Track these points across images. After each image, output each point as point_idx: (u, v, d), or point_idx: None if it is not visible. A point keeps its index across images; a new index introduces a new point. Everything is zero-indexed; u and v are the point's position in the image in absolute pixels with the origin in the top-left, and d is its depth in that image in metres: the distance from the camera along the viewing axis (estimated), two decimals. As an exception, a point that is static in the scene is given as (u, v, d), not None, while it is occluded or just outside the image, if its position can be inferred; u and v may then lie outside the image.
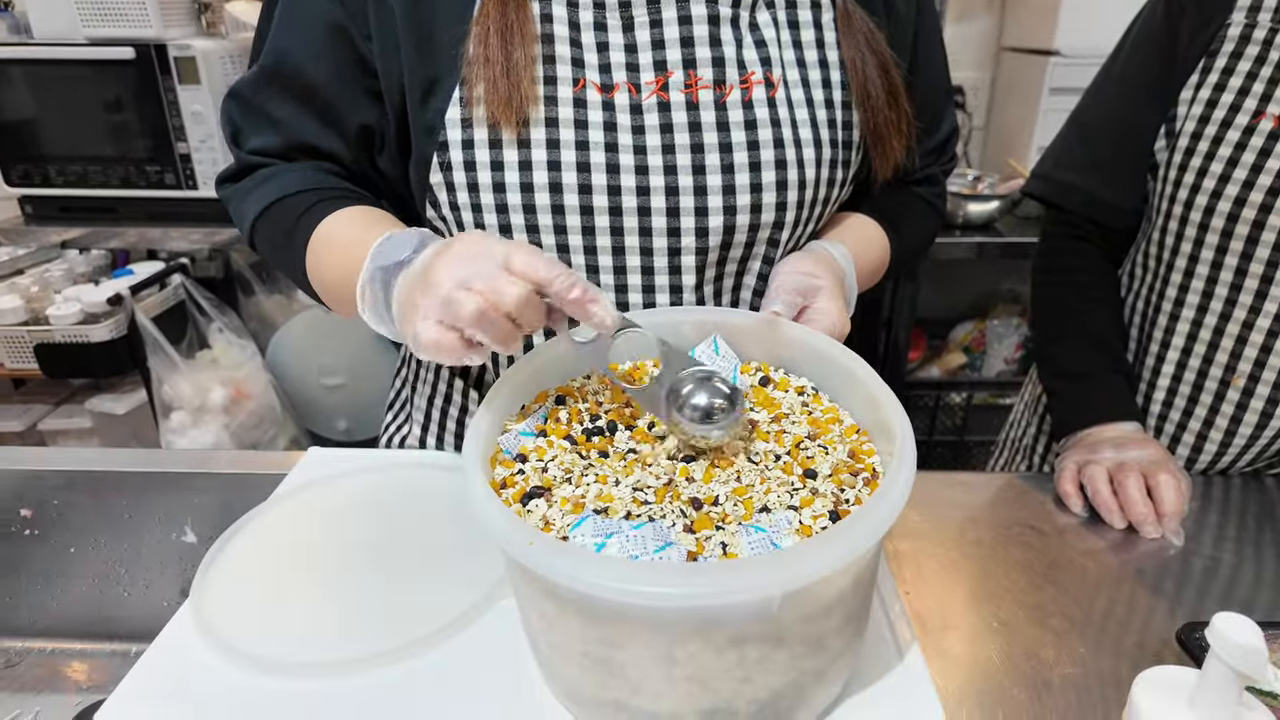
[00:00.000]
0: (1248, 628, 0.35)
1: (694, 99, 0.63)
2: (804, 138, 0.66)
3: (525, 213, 0.63)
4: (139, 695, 0.51)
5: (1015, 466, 1.10)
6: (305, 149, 0.69)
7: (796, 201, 0.67)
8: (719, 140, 0.63)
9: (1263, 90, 0.75)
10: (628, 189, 0.63)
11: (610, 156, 0.62)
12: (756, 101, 0.64)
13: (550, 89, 0.61)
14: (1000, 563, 0.71)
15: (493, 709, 0.49)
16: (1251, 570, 0.70)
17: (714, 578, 0.38)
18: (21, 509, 0.82)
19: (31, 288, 1.58)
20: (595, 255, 0.65)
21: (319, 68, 0.65)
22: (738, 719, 0.44)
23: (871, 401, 0.52)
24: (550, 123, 0.61)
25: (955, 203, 1.88)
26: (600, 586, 0.37)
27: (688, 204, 0.64)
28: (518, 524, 0.41)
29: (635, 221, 0.64)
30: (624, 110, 0.62)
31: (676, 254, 0.65)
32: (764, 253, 0.69)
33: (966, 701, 0.56)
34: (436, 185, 0.65)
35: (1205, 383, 0.84)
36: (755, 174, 0.64)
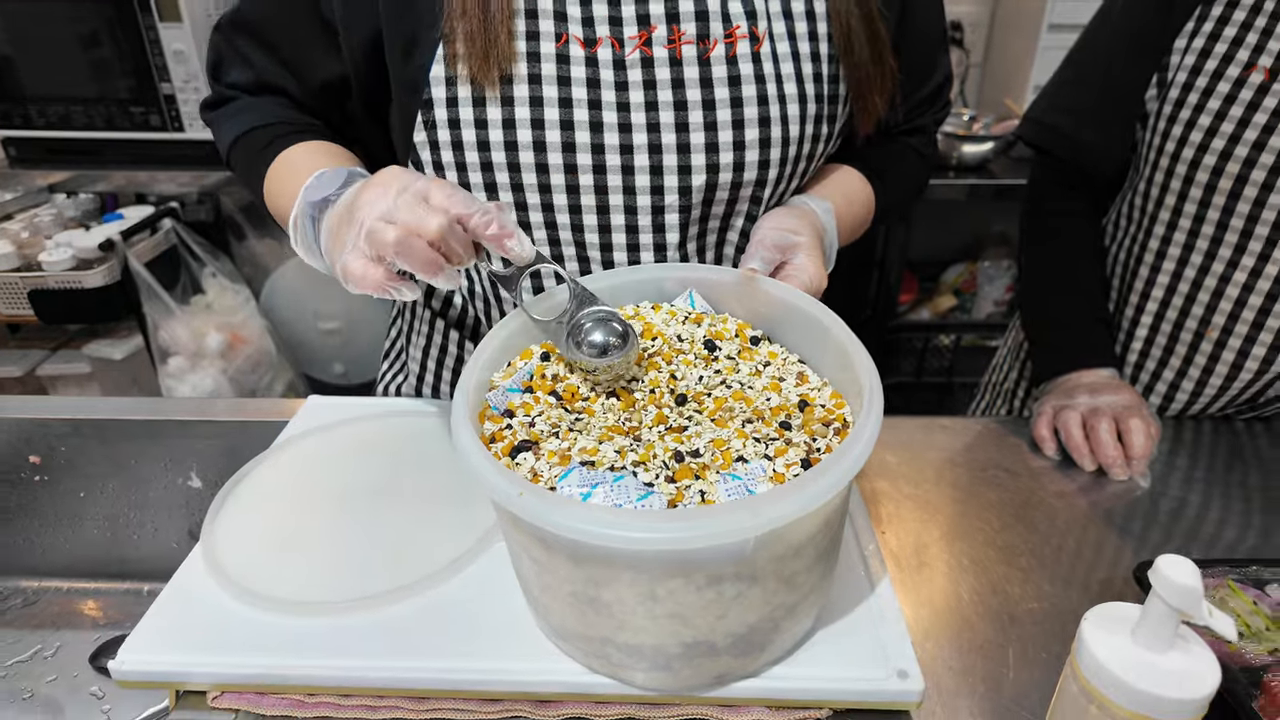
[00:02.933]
0: (1186, 568, 0.38)
1: (677, 54, 0.62)
2: (789, 93, 0.65)
3: (510, 171, 0.64)
4: (156, 631, 0.54)
5: (996, 410, 1.13)
6: (274, 89, 0.72)
7: (780, 158, 0.67)
8: (702, 98, 0.63)
9: (1255, 41, 0.75)
10: (611, 147, 0.63)
11: (593, 114, 0.62)
12: (741, 57, 0.63)
13: (533, 45, 0.61)
14: (974, 503, 0.74)
15: (490, 645, 0.53)
16: (1216, 512, 0.74)
17: (691, 523, 0.40)
18: (30, 456, 0.85)
19: (22, 233, 1.57)
20: (580, 214, 0.66)
21: (276, 28, 0.69)
22: (716, 650, 0.47)
23: (843, 356, 0.53)
24: (533, 79, 0.61)
25: (949, 143, 1.87)
26: (586, 532, 0.40)
27: (670, 162, 0.64)
28: (508, 475, 0.43)
29: (619, 180, 0.64)
30: (607, 66, 0.62)
31: (660, 211, 0.66)
32: (747, 209, 0.70)
33: (934, 633, 0.59)
34: (420, 144, 0.65)
35: (1181, 334, 0.87)
36: (739, 131, 0.64)
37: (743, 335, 0.60)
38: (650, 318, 0.61)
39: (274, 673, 0.52)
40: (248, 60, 0.71)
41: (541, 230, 0.67)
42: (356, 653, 0.52)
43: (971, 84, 2.26)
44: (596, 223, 0.66)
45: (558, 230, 0.67)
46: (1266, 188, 0.75)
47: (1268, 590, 0.58)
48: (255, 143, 0.70)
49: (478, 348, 0.53)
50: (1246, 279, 0.80)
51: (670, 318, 0.61)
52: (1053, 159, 0.95)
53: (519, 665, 0.51)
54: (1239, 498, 0.76)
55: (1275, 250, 0.77)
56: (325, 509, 0.66)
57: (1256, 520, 0.73)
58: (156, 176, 1.79)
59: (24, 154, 1.83)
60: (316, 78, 0.70)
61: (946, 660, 0.57)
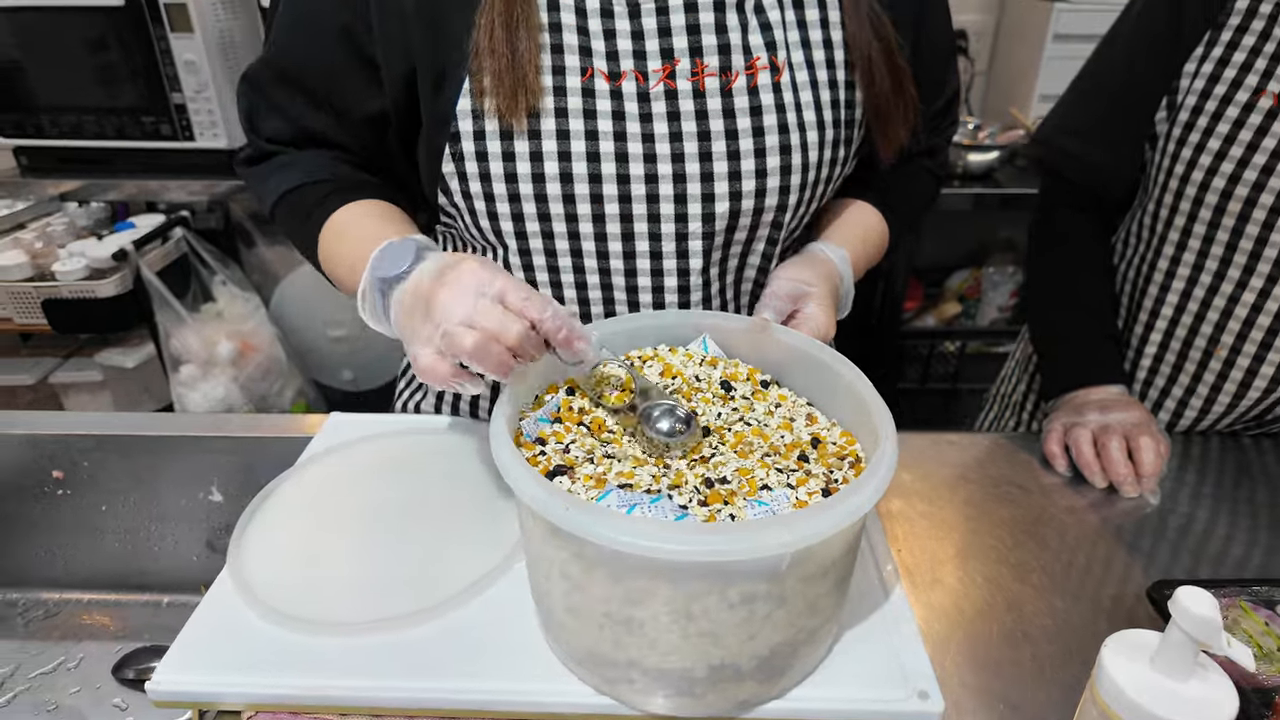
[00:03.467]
0: (1205, 600, 0.39)
1: (700, 87, 0.64)
2: (808, 120, 0.67)
3: (537, 201, 0.65)
4: (190, 652, 0.55)
5: (1004, 422, 1.14)
6: (315, 139, 0.71)
7: (800, 184, 0.68)
8: (725, 128, 0.64)
9: (1265, 67, 0.76)
10: (636, 177, 0.64)
11: (619, 146, 0.63)
12: (762, 88, 0.65)
13: (559, 79, 0.62)
14: (987, 520, 0.75)
15: (520, 665, 0.54)
16: (1224, 529, 0.75)
17: (734, 535, 0.42)
18: (53, 470, 0.86)
19: (35, 243, 1.58)
20: (605, 241, 0.67)
21: (319, 67, 0.68)
22: (741, 674, 0.49)
23: (855, 397, 0.56)
24: (560, 113, 0.62)
25: (955, 153, 1.88)
26: (635, 545, 0.42)
27: (694, 191, 0.65)
28: (554, 491, 0.45)
29: (644, 208, 0.65)
30: (631, 99, 0.63)
31: (684, 239, 0.67)
32: (768, 234, 0.71)
33: (950, 651, 0.60)
34: (449, 175, 0.66)
35: (1190, 351, 0.88)
36: (761, 160, 0.66)
37: (753, 379, 0.62)
38: (668, 359, 0.63)
39: (306, 693, 0.53)
40: (283, 111, 0.71)
41: (568, 258, 0.69)
42: (386, 673, 0.53)
43: (977, 93, 2.27)
44: (621, 249, 0.68)
45: (583, 258, 0.68)
46: (1275, 211, 0.76)
47: (1278, 610, 0.59)
48: (304, 202, 0.71)
49: (509, 382, 0.55)
50: (1255, 299, 0.81)
51: (687, 359, 0.63)
52: (1062, 179, 0.96)
53: (547, 687, 0.52)
54: (1247, 514, 0.77)
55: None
56: (351, 527, 0.67)
57: (1264, 537, 0.74)
58: (167, 185, 1.81)
59: (36, 163, 1.84)
60: (359, 114, 0.69)
61: (963, 679, 0.58)
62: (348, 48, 0.65)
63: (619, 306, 0.71)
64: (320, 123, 0.70)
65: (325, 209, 0.69)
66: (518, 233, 0.68)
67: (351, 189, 0.71)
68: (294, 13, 0.68)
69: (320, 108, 0.70)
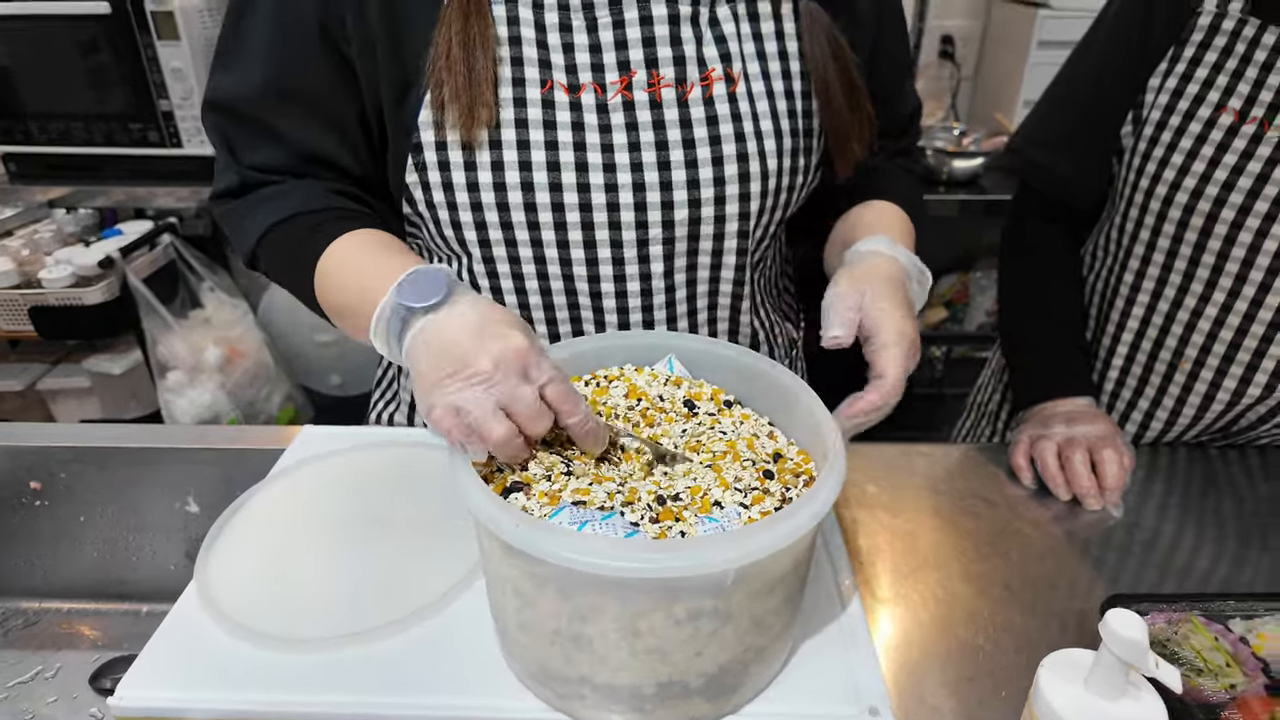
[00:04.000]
0: (1134, 622, 0.40)
1: (657, 98, 0.65)
2: (765, 129, 0.68)
3: (499, 210, 0.66)
4: (154, 667, 0.56)
5: (980, 430, 1.15)
6: (316, 160, 0.69)
7: (760, 191, 0.69)
8: (682, 137, 0.66)
9: (1225, 83, 0.77)
10: (596, 186, 0.65)
11: (579, 155, 0.64)
12: (717, 98, 0.66)
13: (519, 91, 0.63)
14: (950, 533, 0.76)
15: (475, 681, 0.55)
16: (1188, 541, 0.76)
17: (679, 553, 0.43)
18: (31, 482, 0.86)
19: (22, 250, 1.59)
20: (568, 249, 0.68)
21: (317, 73, 0.66)
22: (689, 691, 0.49)
23: (811, 419, 0.57)
24: (520, 124, 0.64)
25: (940, 159, 1.89)
26: (579, 561, 0.42)
27: (654, 199, 0.67)
28: (505, 508, 0.45)
29: (604, 216, 0.67)
30: (590, 110, 0.65)
31: (645, 244, 0.68)
32: (735, 245, 0.72)
33: (908, 667, 0.61)
34: (412, 184, 0.67)
35: (1155, 364, 0.89)
36: (719, 168, 0.67)
37: (716, 399, 0.63)
38: (634, 379, 0.64)
39: (271, 708, 0.53)
40: (277, 134, 0.68)
41: (531, 265, 0.70)
42: (350, 688, 0.54)
43: (963, 98, 2.28)
44: (584, 257, 0.69)
45: (546, 265, 0.70)
46: (1236, 226, 0.77)
47: (1230, 626, 0.60)
48: (295, 232, 0.68)
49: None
50: (1217, 314, 0.82)
51: (652, 379, 0.64)
52: (1032, 189, 0.97)
53: (505, 703, 0.53)
54: (1213, 526, 0.78)
55: (1245, 286, 0.79)
56: (319, 541, 0.68)
57: (1229, 549, 0.75)
58: (155, 191, 1.81)
59: (24, 169, 1.85)
60: (352, 122, 0.68)
61: (920, 695, 0.59)
62: (333, 50, 0.65)
63: (584, 312, 0.72)
64: (320, 140, 0.68)
65: (324, 235, 0.66)
66: (480, 241, 0.69)
67: (351, 218, 0.68)
68: (280, 24, 0.65)
69: (319, 121, 0.67)
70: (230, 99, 0.68)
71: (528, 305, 0.72)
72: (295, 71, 0.66)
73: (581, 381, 0.64)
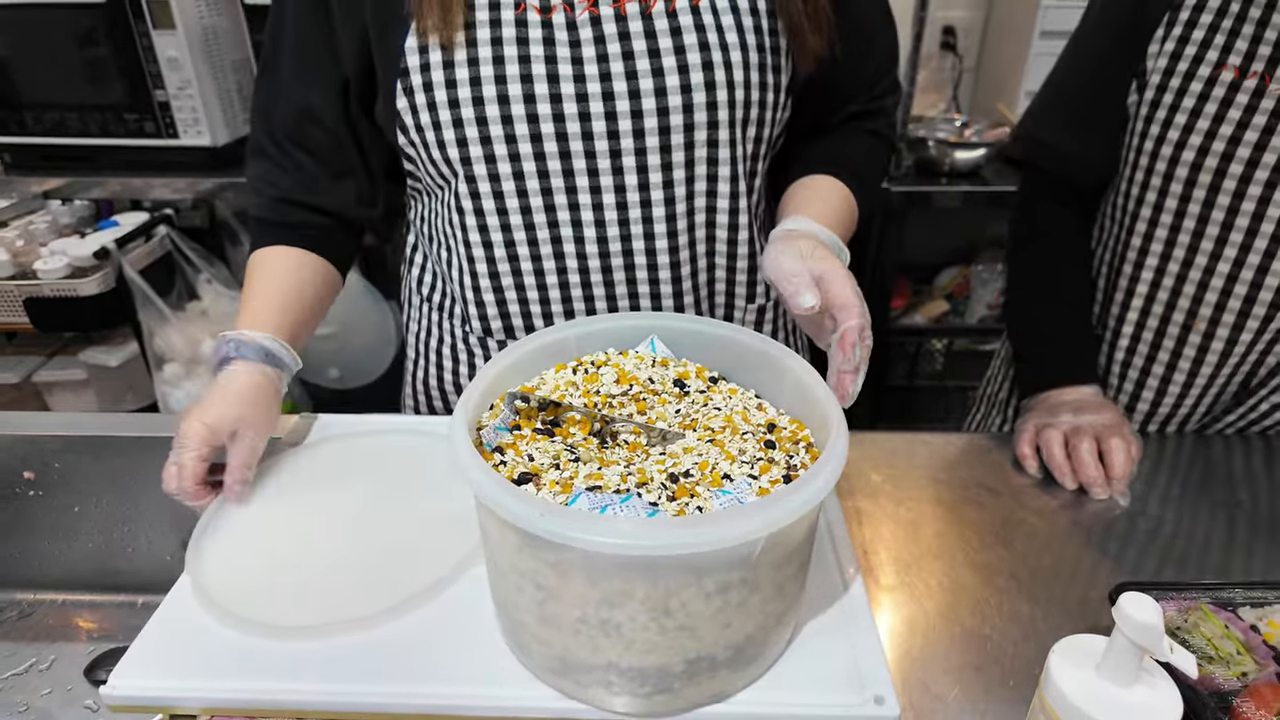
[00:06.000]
0: (1149, 606, 0.39)
1: (622, 11, 0.70)
2: (730, 41, 0.71)
3: (479, 125, 0.71)
4: (147, 656, 0.55)
5: (991, 421, 1.14)
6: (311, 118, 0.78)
7: (727, 101, 0.72)
8: (648, 47, 0.70)
9: (1224, 42, 0.77)
10: (568, 96, 0.69)
11: (550, 68, 0.69)
12: (680, 10, 0.70)
13: (495, 14, 0.69)
14: (955, 522, 0.75)
15: (479, 670, 0.54)
16: (1197, 531, 0.75)
17: (711, 526, 0.43)
18: (24, 471, 0.86)
19: (17, 241, 1.58)
20: (544, 160, 0.72)
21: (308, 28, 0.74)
22: (716, 665, 0.49)
23: (804, 391, 0.57)
24: (495, 41, 0.69)
25: (942, 150, 1.88)
26: (617, 545, 0.41)
27: (624, 108, 0.70)
28: (528, 500, 0.44)
29: (578, 126, 0.71)
30: (561, 28, 0.69)
31: (618, 155, 0.72)
32: (706, 162, 0.74)
33: (912, 655, 0.61)
34: (402, 110, 0.72)
35: (1168, 328, 0.88)
36: (684, 75, 0.70)
37: (702, 376, 0.63)
38: (622, 364, 0.63)
39: (263, 697, 0.53)
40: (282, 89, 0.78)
41: (510, 181, 0.73)
42: (344, 676, 0.53)
43: (965, 89, 2.26)
44: (560, 168, 0.73)
45: (525, 180, 0.73)
46: (1245, 180, 0.77)
47: (1240, 614, 0.59)
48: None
49: (463, 394, 0.54)
50: (1230, 269, 0.81)
51: (639, 362, 0.63)
52: (1041, 172, 0.96)
53: (511, 691, 0.52)
54: (1219, 517, 0.77)
55: (1256, 239, 0.79)
56: (309, 530, 0.67)
57: (1235, 539, 0.74)
58: (151, 183, 1.80)
59: (19, 161, 1.83)
60: (336, 84, 0.76)
61: (924, 683, 0.58)
62: (318, 8, 0.73)
63: (564, 229, 0.75)
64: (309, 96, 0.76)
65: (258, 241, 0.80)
66: (463, 159, 0.73)
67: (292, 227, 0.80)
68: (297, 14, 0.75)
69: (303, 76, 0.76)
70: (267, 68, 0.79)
71: (509, 226, 0.76)
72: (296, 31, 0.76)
73: (569, 369, 0.63)
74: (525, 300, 0.79)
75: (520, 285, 0.78)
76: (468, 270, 0.80)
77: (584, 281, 0.77)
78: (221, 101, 1.80)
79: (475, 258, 0.78)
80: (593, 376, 0.62)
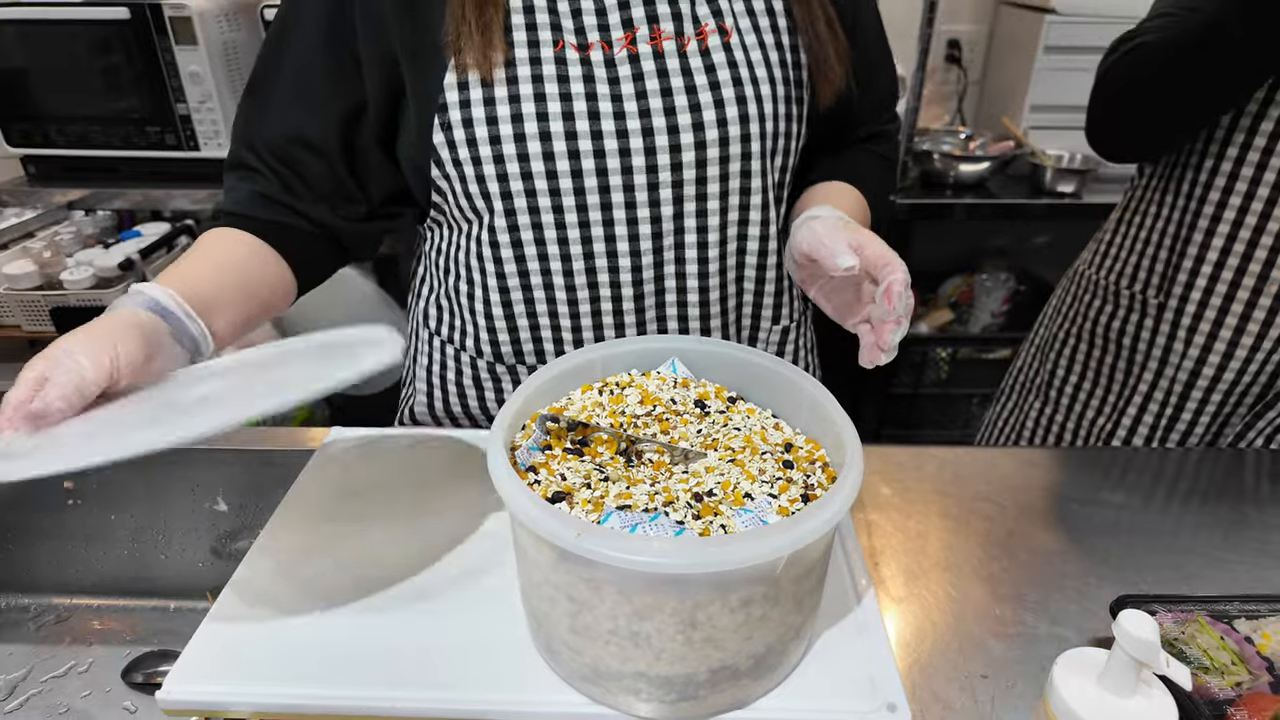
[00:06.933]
0: (1146, 623, 0.42)
1: (659, 49, 0.73)
2: (760, 76, 0.75)
3: (519, 161, 0.72)
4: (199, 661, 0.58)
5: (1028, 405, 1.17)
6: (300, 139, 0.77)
7: (759, 133, 0.75)
8: (684, 84, 0.73)
9: None
10: (608, 132, 0.72)
11: (591, 105, 0.71)
12: (713, 48, 0.74)
13: (534, 51, 0.71)
14: (962, 535, 0.78)
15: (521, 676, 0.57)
16: (1193, 544, 0.77)
17: (739, 546, 0.46)
18: (64, 481, 0.89)
19: (44, 252, 1.61)
20: (584, 195, 0.74)
21: (306, 63, 0.75)
22: (738, 674, 0.52)
23: (817, 408, 0.60)
24: (536, 79, 0.71)
25: (946, 163, 1.91)
26: (650, 564, 0.45)
27: (662, 142, 0.73)
28: (565, 519, 0.47)
29: (617, 162, 0.73)
30: (599, 65, 0.72)
31: (655, 188, 0.74)
32: (740, 184, 0.77)
33: (921, 664, 0.64)
34: (439, 145, 0.73)
35: (1237, 293, 0.93)
36: (720, 110, 0.73)
37: (721, 397, 0.66)
38: (645, 385, 0.66)
39: (314, 702, 0.55)
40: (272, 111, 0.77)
41: (549, 214, 0.75)
42: (383, 682, 0.56)
43: (970, 103, 2.29)
44: (599, 201, 0.74)
45: (564, 214, 0.75)
46: None
47: (1235, 626, 0.62)
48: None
49: (498, 415, 0.58)
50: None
51: (662, 383, 0.67)
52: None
53: (540, 697, 0.56)
54: (1218, 528, 0.79)
55: None
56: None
57: (1233, 554, 0.76)
58: (171, 193, 1.84)
59: (43, 171, 1.87)
60: (336, 109, 0.75)
61: (934, 691, 0.61)
62: (333, 39, 0.73)
63: (600, 259, 0.77)
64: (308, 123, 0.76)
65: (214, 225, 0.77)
66: (503, 193, 0.74)
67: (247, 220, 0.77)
68: (295, 10, 0.75)
69: (307, 106, 0.76)
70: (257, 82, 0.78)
71: (546, 256, 0.77)
72: (300, 60, 0.75)
73: (595, 389, 0.66)
74: (558, 327, 0.81)
75: (554, 313, 0.80)
76: (498, 301, 0.81)
77: (616, 309, 0.80)
78: (241, 114, 1.84)
79: (509, 288, 0.80)
80: (618, 398, 0.65)
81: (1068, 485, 0.86)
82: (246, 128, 0.77)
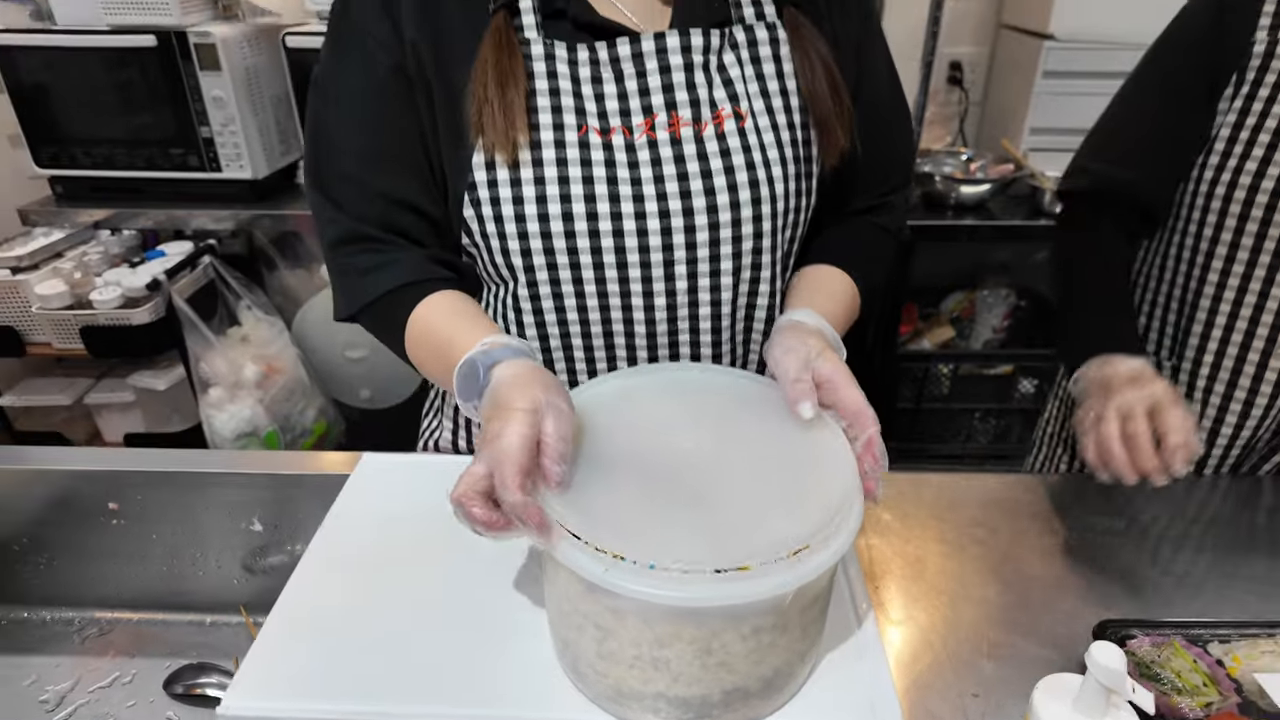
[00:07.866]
0: (1114, 654, 0.47)
1: (677, 135, 0.76)
2: (771, 158, 0.78)
3: (543, 239, 0.76)
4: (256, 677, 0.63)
5: (1056, 458, 1.18)
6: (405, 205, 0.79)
7: (771, 213, 0.79)
8: (700, 168, 0.76)
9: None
10: (627, 214, 0.76)
11: (611, 188, 0.75)
12: (729, 133, 0.76)
13: (559, 134, 0.74)
14: (957, 559, 0.83)
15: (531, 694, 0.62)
16: (1173, 569, 0.82)
17: (750, 583, 0.51)
18: (110, 503, 0.94)
19: (74, 272, 1.67)
20: (603, 269, 0.78)
21: (401, 128, 0.77)
22: (749, 695, 0.58)
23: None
24: (560, 162, 0.74)
25: (947, 185, 1.96)
26: (671, 598, 0.50)
27: (678, 223, 0.77)
28: (593, 555, 0.52)
29: (635, 241, 0.77)
30: (620, 149, 0.75)
31: (670, 265, 0.78)
32: (752, 270, 0.81)
33: (919, 686, 0.68)
34: (469, 218, 0.78)
35: (1248, 355, 0.95)
36: (733, 193, 0.77)
37: None
38: None
39: (363, 715, 0.60)
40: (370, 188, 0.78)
41: (570, 285, 0.79)
42: (432, 699, 0.61)
43: (971, 124, 2.34)
44: (617, 275, 0.78)
45: (584, 285, 0.79)
46: None
47: (1208, 649, 0.67)
48: (393, 305, 0.79)
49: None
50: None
51: None
52: (1087, 200, 1.02)
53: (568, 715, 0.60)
54: (1197, 555, 0.84)
55: None
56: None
57: (1212, 578, 0.81)
58: (193, 213, 1.90)
59: (70, 192, 1.93)
60: (426, 162, 0.78)
61: (929, 710, 0.66)
62: (404, 100, 0.76)
63: (616, 325, 0.81)
64: (408, 189, 0.78)
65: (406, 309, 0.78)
66: (526, 267, 0.78)
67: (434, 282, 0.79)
68: (362, 79, 0.76)
69: (406, 171, 0.78)
70: (333, 166, 0.79)
71: (566, 322, 0.82)
72: (383, 129, 0.77)
73: None
74: (575, 384, 0.83)
75: (573, 371, 0.85)
76: None
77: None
78: (262, 136, 1.90)
79: (534, 347, 0.83)
80: None
81: (1058, 512, 0.91)
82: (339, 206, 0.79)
